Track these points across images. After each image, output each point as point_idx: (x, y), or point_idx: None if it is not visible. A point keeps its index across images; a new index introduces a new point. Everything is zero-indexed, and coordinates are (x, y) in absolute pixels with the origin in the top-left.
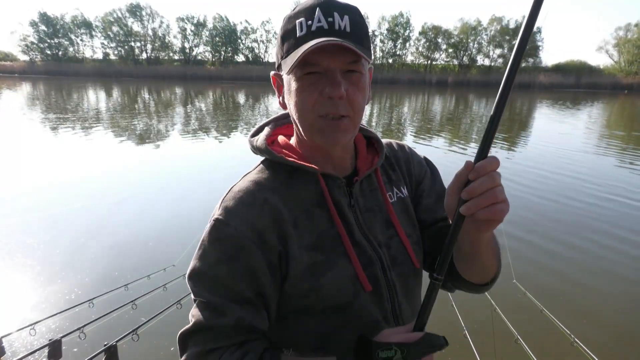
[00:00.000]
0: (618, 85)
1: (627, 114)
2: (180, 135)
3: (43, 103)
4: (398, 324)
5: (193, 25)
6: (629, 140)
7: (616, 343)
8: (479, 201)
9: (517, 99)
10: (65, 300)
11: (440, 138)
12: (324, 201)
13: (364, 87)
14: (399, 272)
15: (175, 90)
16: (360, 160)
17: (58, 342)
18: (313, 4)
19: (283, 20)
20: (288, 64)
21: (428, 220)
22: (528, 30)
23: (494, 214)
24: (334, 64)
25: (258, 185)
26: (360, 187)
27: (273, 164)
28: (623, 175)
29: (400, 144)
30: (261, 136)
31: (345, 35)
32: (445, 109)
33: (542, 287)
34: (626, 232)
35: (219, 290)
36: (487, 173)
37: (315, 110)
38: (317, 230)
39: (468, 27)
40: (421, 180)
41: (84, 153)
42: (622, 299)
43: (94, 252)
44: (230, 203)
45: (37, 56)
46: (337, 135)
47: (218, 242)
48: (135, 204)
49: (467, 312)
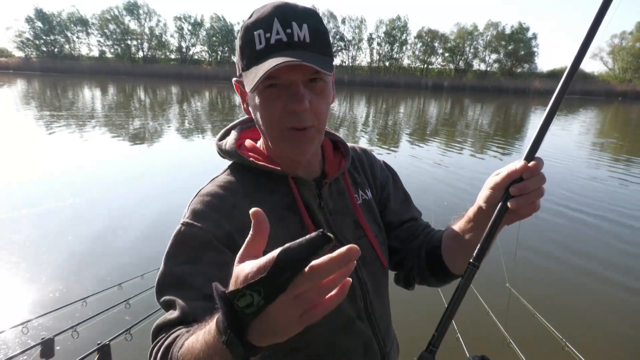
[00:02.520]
0: (612, 92)
1: (620, 121)
2: (174, 133)
3: (38, 100)
4: (371, 321)
5: (190, 25)
6: (620, 150)
7: (607, 347)
8: (529, 198)
9: (512, 104)
10: (58, 299)
11: (435, 142)
12: (296, 204)
13: (328, 94)
14: (370, 271)
15: (171, 89)
16: (327, 163)
17: (50, 340)
18: (270, 13)
19: (241, 30)
20: (249, 79)
21: (395, 222)
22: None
23: (533, 211)
24: (295, 77)
25: (227, 189)
26: (329, 189)
27: (242, 168)
28: (614, 184)
29: (363, 148)
30: (229, 139)
31: (305, 46)
32: (441, 113)
33: (534, 291)
34: (618, 238)
35: (176, 288)
36: (539, 173)
37: (281, 123)
38: (288, 234)
39: (464, 31)
40: (385, 184)
41: (77, 150)
42: (613, 303)
43: (86, 251)
44: (198, 207)
45: (33, 53)
46: (304, 146)
47: (182, 244)
48: (129, 202)
49: (460, 315)
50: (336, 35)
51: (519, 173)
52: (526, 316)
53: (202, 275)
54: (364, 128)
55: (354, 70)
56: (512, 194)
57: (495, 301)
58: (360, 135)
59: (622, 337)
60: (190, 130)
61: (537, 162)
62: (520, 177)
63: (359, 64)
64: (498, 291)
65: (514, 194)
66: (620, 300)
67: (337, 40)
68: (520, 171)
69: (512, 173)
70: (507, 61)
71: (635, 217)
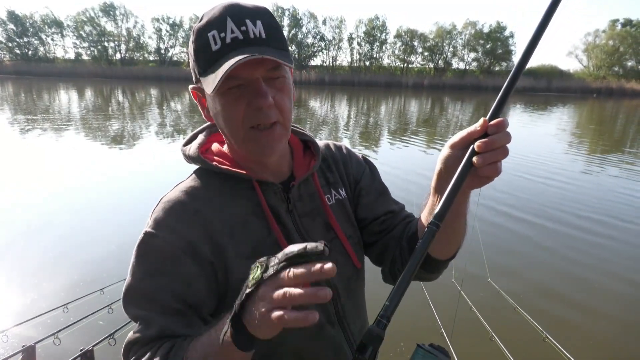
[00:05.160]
0: (587, 89)
1: (596, 117)
2: (154, 136)
3: (11, 104)
4: (342, 325)
5: (169, 26)
6: (597, 142)
7: (586, 338)
8: (495, 154)
9: (491, 101)
10: (39, 306)
11: (417, 138)
12: (261, 209)
13: (289, 90)
14: (341, 274)
15: (150, 91)
16: (296, 164)
17: (32, 348)
18: (222, 13)
19: (193, 34)
20: (209, 82)
21: (368, 217)
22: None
23: (497, 171)
24: (255, 74)
25: (190, 195)
26: (298, 191)
27: (207, 173)
28: (594, 175)
29: (338, 145)
30: (194, 144)
31: (262, 42)
32: (422, 111)
33: (515, 286)
34: (602, 233)
35: (146, 304)
36: (505, 130)
37: (246, 122)
38: (254, 239)
39: (443, 31)
40: (359, 178)
41: (56, 156)
42: (592, 295)
43: (67, 257)
44: (160, 214)
45: (6, 55)
46: (272, 145)
47: (145, 256)
48: (109, 207)
49: (444, 311)
50: (317, 35)
51: (481, 131)
52: (508, 310)
53: (167, 290)
54: (345, 128)
55: (335, 70)
56: (477, 149)
57: (478, 297)
58: (342, 135)
59: (601, 328)
60: (169, 132)
61: (503, 119)
62: (482, 136)
63: (339, 64)
64: (480, 287)
65: (479, 150)
66: (599, 292)
67: (318, 41)
68: (482, 129)
69: (474, 131)
70: (485, 59)
71: (615, 212)
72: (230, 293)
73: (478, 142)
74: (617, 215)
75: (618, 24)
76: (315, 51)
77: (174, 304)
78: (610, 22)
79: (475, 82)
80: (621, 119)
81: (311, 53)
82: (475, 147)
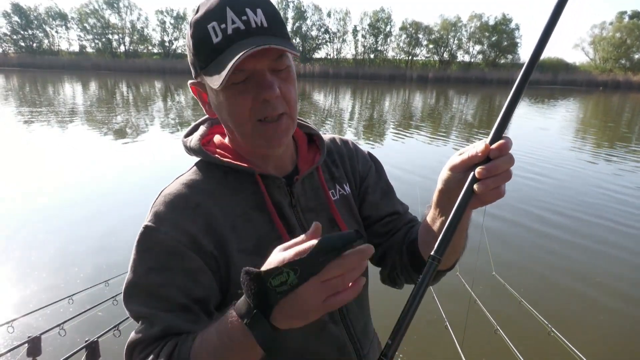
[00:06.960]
0: (593, 82)
1: (601, 110)
2: (160, 129)
3: (16, 96)
4: (345, 323)
5: (172, 18)
6: (602, 136)
7: (591, 332)
8: (498, 180)
9: (497, 95)
10: (44, 297)
11: (421, 133)
12: (264, 203)
13: (294, 80)
14: None
15: (154, 84)
16: (301, 158)
17: (37, 339)
18: (220, 3)
19: (191, 27)
20: (213, 77)
21: (373, 216)
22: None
23: (500, 195)
24: (260, 65)
25: (191, 188)
26: (301, 186)
27: (208, 166)
28: (603, 170)
29: (344, 140)
30: (195, 136)
31: (264, 31)
32: (427, 105)
33: (520, 279)
34: (606, 226)
35: (149, 301)
36: (508, 153)
37: (253, 115)
38: (256, 234)
39: (448, 23)
40: (365, 176)
41: (62, 148)
42: (598, 289)
43: (73, 249)
44: (161, 208)
45: (10, 48)
46: (280, 137)
47: (148, 251)
48: (114, 199)
49: (448, 304)
50: (321, 27)
51: (482, 157)
52: (513, 303)
53: (172, 285)
54: (349, 121)
55: (339, 63)
56: (478, 176)
57: (483, 290)
58: (346, 128)
59: (608, 322)
60: (174, 125)
61: (506, 141)
62: (484, 159)
63: (344, 57)
64: (485, 280)
65: (481, 177)
66: (605, 286)
67: (323, 33)
68: (483, 155)
69: (474, 156)
70: (490, 52)
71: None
72: (231, 288)
73: (479, 169)
74: (625, 209)
75: (626, 16)
76: (319, 44)
77: (179, 299)
78: (617, 14)
79: (480, 75)
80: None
81: (315, 46)
82: (477, 174)
